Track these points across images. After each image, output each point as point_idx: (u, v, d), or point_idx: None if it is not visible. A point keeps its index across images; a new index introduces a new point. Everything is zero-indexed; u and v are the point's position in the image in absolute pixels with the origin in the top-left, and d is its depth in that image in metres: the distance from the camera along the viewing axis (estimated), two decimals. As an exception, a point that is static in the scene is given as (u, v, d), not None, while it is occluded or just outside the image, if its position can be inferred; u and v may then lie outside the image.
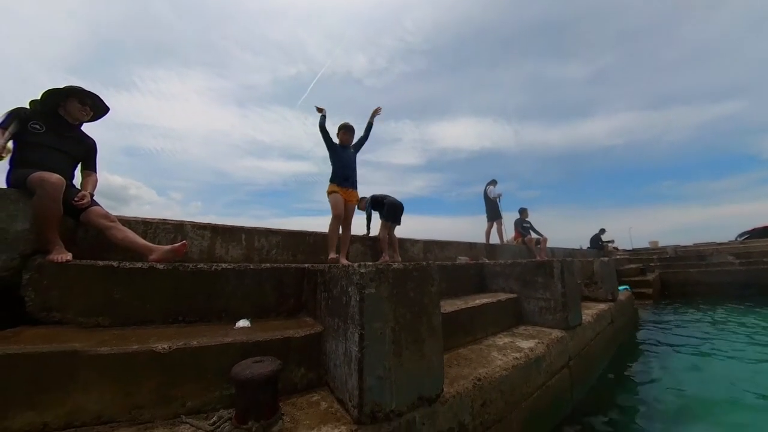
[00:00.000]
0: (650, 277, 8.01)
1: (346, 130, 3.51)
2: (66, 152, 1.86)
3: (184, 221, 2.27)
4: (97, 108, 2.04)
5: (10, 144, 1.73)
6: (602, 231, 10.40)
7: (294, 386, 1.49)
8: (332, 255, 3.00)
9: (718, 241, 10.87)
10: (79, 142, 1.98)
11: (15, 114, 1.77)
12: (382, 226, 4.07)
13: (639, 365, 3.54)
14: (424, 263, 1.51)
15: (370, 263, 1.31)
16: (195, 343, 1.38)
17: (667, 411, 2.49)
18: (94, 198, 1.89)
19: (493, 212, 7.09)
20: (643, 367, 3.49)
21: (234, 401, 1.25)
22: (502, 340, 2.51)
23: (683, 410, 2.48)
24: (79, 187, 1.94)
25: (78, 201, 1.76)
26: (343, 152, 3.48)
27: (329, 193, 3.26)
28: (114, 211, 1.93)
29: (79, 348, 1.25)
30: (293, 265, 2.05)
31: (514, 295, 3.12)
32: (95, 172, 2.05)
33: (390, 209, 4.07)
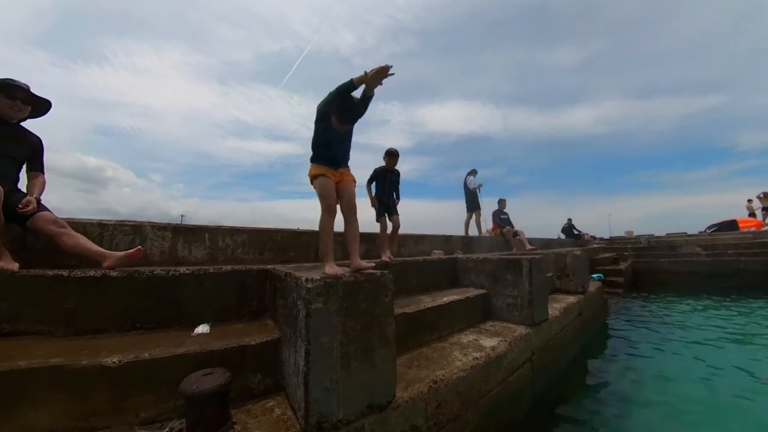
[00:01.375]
0: (622, 266, 8.33)
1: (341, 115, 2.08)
2: (5, 155, 1.75)
3: (143, 222, 2.21)
4: (33, 103, 1.85)
5: None
6: (570, 220, 10.76)
7: (250, 392, 1.51)
8: (329, 268, 1.68)
9: (690, 231, 11.35)
10: (20, 141, 1.83)
11: None
12: (392, 220, 3.80)
13: (603, 355, 3.74)
14: (378, 273, 1.53)
15: (318, 276, 1.32)
16: (147, 355, 1.38)
17: (624, 399, 2.65)
18: (41, 202, 1.81)
19: (473, 203, 7.17)
20: (606, 357, 3.68)
21: (184, 413, 1.26)
22: (467, 337, 2.59)
23: (638, 396, 2.65)
24: (24, 191, 1.85)
25: (22, 209, 1.68)
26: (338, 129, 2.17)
27: (313, 177, 2.13)
28: (91, 195, 1.95)
29: (24, 366, 1.23)
30: (255, 267, 2.04)
31: (484, 291, 3.20)
32: (42, 173, 1.92)
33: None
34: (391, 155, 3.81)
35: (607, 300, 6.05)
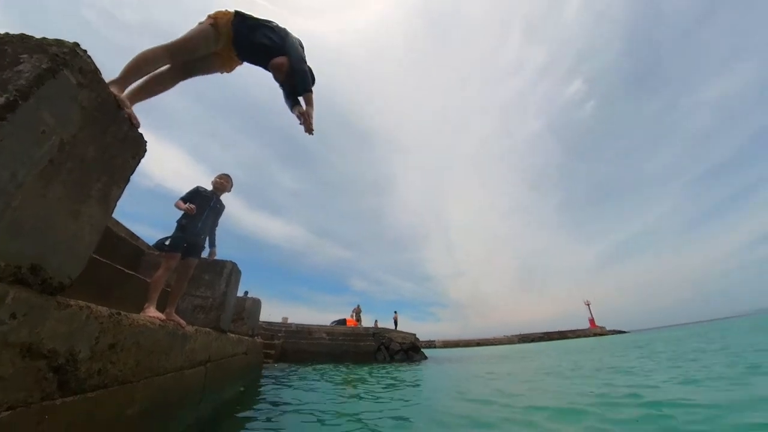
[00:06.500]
0: (276, 342, 9.37)
1: None
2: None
3: None
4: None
5: None
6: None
7: None
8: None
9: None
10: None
11: None
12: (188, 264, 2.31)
13: (260, 395, 3.84)
14: (138, 131, 1.20)
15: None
16: None
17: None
18: None
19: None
20: (263, 397, 3.82)
21: None
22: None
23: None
24: None
25: None
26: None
27: (216, 18, 1.66)
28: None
29: None
30: None
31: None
32: None
33: None
34: (227, 176, 2.66)
35: (263, 361, 6.46)
